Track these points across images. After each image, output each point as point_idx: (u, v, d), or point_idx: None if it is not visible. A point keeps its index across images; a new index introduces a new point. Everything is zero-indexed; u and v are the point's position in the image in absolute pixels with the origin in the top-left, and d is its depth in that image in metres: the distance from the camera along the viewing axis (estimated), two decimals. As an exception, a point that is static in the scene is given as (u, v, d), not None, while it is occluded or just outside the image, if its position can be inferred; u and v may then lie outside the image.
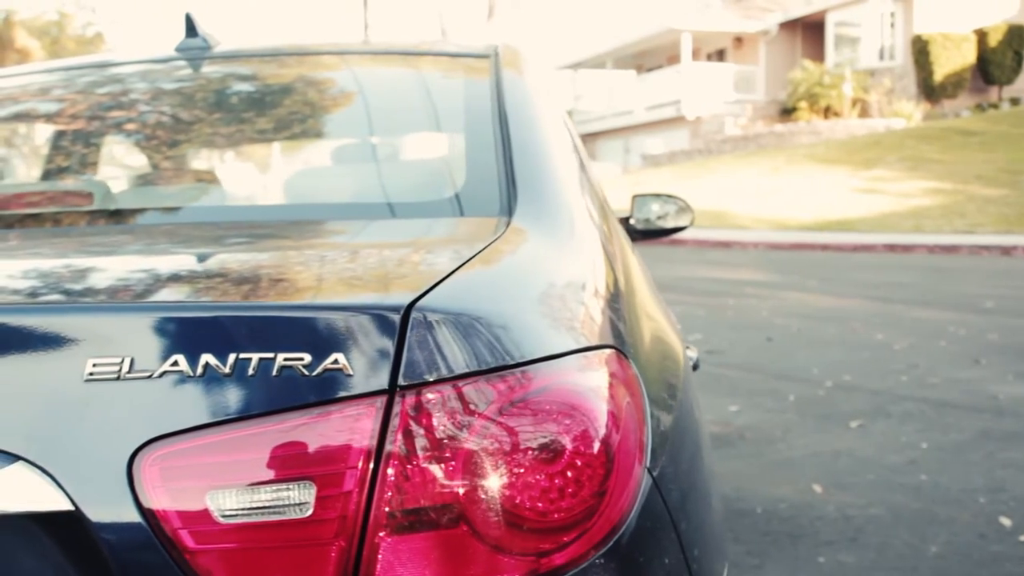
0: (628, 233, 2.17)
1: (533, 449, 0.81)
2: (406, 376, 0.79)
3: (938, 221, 14.70)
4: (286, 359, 0.78)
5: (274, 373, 0.77)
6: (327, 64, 1.85)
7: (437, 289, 0.86)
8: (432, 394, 0.80)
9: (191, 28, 1.79)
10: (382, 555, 0.78)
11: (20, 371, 0.78)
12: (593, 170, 1.71)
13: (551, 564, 0.82)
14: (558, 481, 0.81)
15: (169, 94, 1.74)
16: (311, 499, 0.77)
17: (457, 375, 0.81)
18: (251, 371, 0.77)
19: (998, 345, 5.93)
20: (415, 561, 0.78)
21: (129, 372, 0.77)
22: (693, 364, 1.74)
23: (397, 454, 0.78)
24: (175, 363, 0.77)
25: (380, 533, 0.78)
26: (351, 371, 0.78)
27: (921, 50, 22.04)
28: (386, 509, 0.78)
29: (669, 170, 22.15)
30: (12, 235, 1.27)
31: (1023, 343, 6.01)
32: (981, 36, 22.26)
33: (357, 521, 0.77)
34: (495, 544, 0.80)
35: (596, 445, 0.84)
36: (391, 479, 0.78)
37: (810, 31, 25.40)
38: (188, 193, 1.58)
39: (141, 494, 0.76)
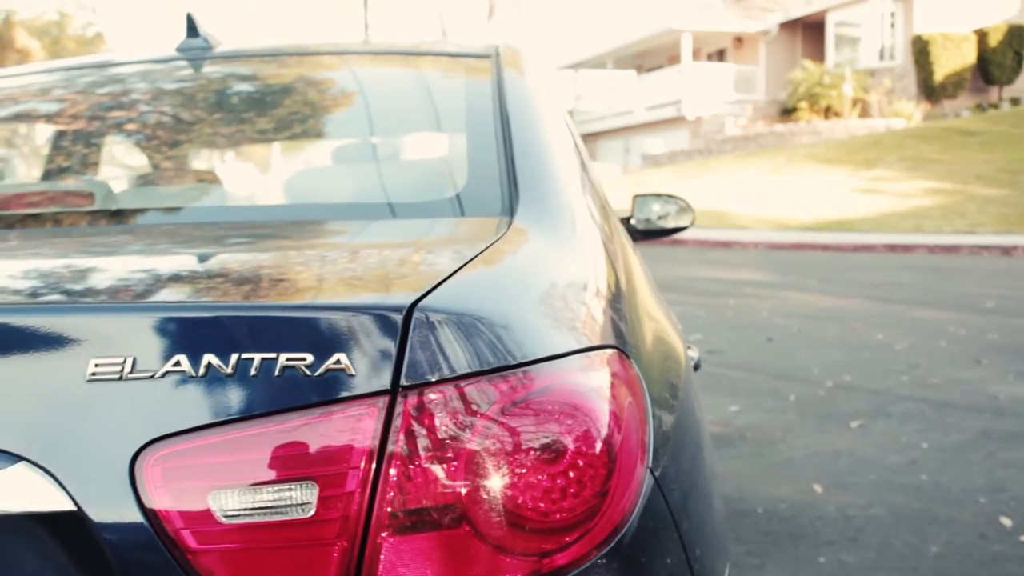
0: (629, 233, 2.17)
1: (535, 449, 0.81)
2: (408, 376, 0.79)
3: (938, 221, 14.70)
4: (288, 359, 0.78)
5: (276, 373, 0.77)
6: (328, 64, 1.85)
7: (439, 289, 0.86)
8: (434, 394, 0.80)
9: (192, 28, 1.79)
10: (384, 555, 0.78)
11: (22, 371, 0.78)
12: (594, 170, 1.71)
13: (553, 564, 0.82)
14: (560, 481, 0.81)
15: (170, 94, 1.74)
16: (313, 499, 0.77)
17: (459, 375, 0.81)
18: (253, 371, 0.77)
19: (998, 345, 5.92)
20: (417, 561, 0.78)
21: (131, 372, 0.77)
22: (694, 364, 1.74)
23: (399, 454, 0.78)
24: (177, 363, 0.77)
25: (382, 533, 0.78)
26: (353, 371, 0.78)
27: (921, 50, 22.04)
28: (388, 509, 0.78)
29: (669, 170, 22.15)
30: (15, 235, 1.27)
31: (1023, 343, 6.01)
32: (981, 36, 22.26)
33: (359, 521, 0.77)
34: (497, 544, 0.80)
35: (598, 445, 0.84)
36: (393, 479, 0.78)
37: (810, 31, 25.40)
38: (190, 193, 1.57)
39: (143, 494, 0.76)
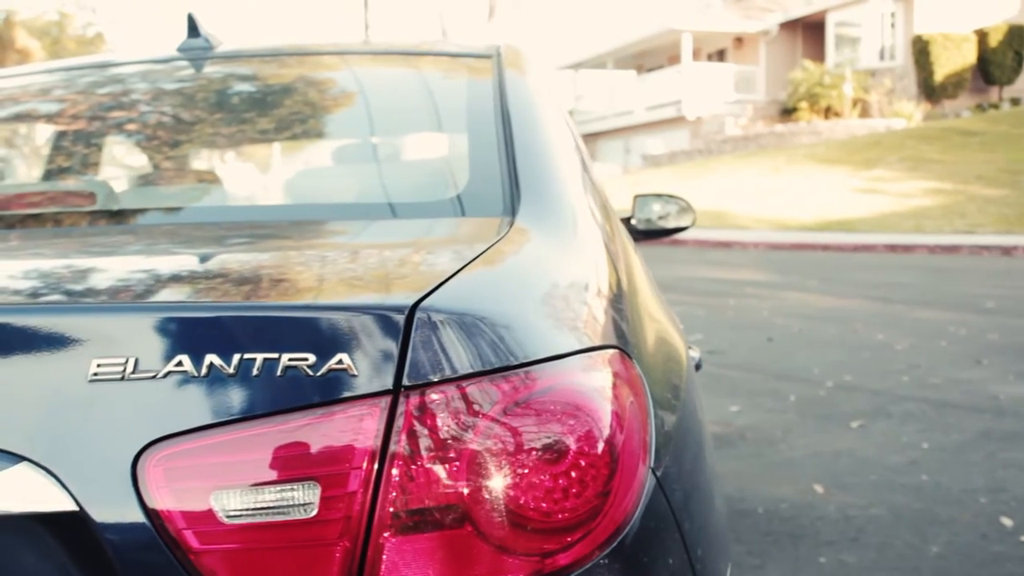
0: (629, 233, 2.17)
1: (537, 449, 0.81)
2: (410, 376, 0.79)
3: (938, 221, 14.70)
4: (290, 359, 0.78)
5: (278, 373, 0.77)
6: (330, 64, 1.85)
7: (441, 289, 0.86)
8: (436, 394, 0.79)
9: (193, 28, 1.79)
10: (387, 555, 0.78)
11: (24, 372, 0.78)
12: (595, 170, 1.71)
13: (555, 564, 0.82)
14: (562, 481, 0.81)
15: (171, 94, 1.74)
16: (315, 499, 0.76)
17: (461, 375, 0.80)
18: (255, 371, 0.77)
19: (999, 345, 5.92)
20: (419, 561, 0.78)
21: (133, 372, 0.77)
22: (696, 364, 1.74)
23: (401, 454, 0.78)
24: (179, 363, 0.77)
25: (385, 533, 0.78)
26: (355, 371, 0.78)
27: (921, 50, 22.04)
28: (391, 509, 0.78)
29: (669, 170, 22.15)
30: (17, 235, 1.27)
31: (1023, 343, 6.02)
32: (981, 36, 22.26)
33: (362, 521, 0.77)
34: (499, 544, 0.80)
35: (600, 445, 0.84)
36: (395, 479, 0.78)
37: (810, 31, 25.40)
38: (191, 193, 1.57)
39: (145, 494, 0.76)
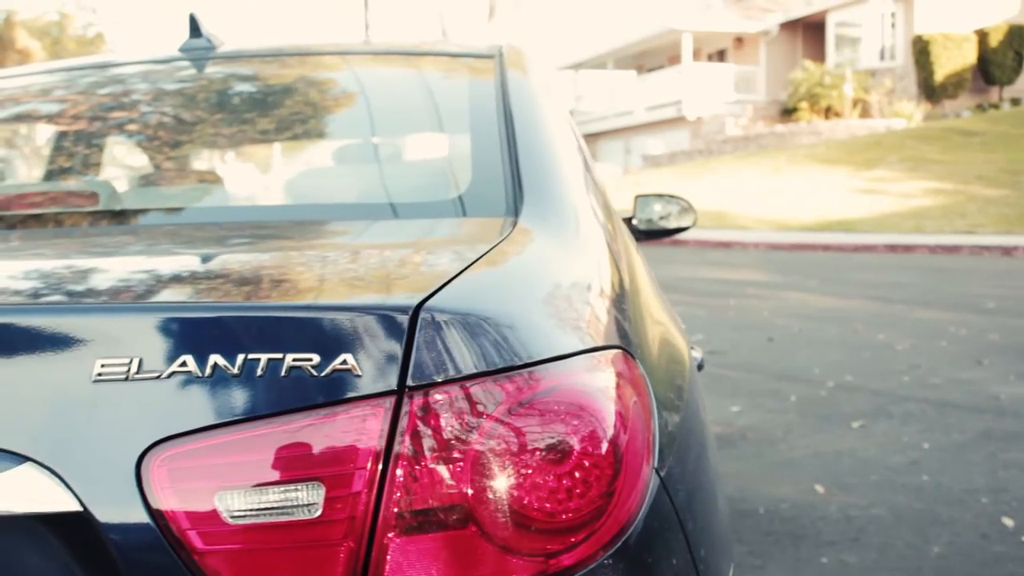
0: (631, 233, 2.17)
1: (541, 450, 0.81)
2: (414, 377, 0.79)
3: (939, 221, 14.70)
4: (295, 360, 0.78)
5: (283, 374, 0.77)
6: (331, 65, 1.85)
7: (445, 290, 0.86)
8: (440, 395, 0.80)
9: (195, 28, 1.79)
10: (391, 556, 0.78)
11: (29, 372, 0.78)
12: (597, 170, 1.71)
13: (559, 565, 0.82)
14: (566, 482, 0.81)
15: (173, 94, 1.74)
16: (320, 500, 0.77)
17: (465, 376, 0.80)
18: (260, 372, 0.77)
19: (999, 345, 5.92)
20: (424, 562, 0.78)
21: (137, 373, 0.77)
22: (698, 364, 1.74)
23: (406, 455, 0.78)
24: (184, 364, 0.77)
25: (389, 534, 0.78)
26: (360, 372, 0.78)
27: (922, 50, 22.04)
28: (395, 510, 0.78)
29: (670, 170, 22.15)
30: (20, 236, 1.27)
31: (1024, 343, 6.02)
32: (982, 36, 22.26)
33: (366, 522, 0.77)
34: (503, 545, 0.80)
35: (604, 445, 0.84)
36: (400, 480, 0.78)
37: (811, 31, 25.40)
38: (194, 194, 1.57)
39: (150, 495, 0.76)
